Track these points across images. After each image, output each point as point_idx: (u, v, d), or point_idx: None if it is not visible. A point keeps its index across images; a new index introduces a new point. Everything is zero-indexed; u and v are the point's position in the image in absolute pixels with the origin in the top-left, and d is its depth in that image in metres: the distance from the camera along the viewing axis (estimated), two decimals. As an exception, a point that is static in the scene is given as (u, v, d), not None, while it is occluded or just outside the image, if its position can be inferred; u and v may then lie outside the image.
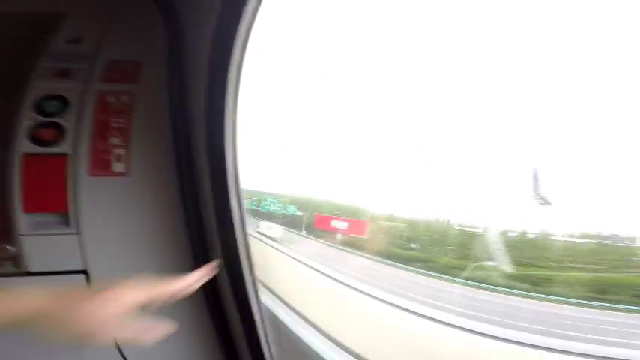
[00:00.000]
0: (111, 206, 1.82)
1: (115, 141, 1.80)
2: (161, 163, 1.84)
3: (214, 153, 1.70)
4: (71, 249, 1.80)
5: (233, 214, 1.72)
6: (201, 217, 1.85)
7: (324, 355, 2.44)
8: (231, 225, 1.74)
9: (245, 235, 1.79)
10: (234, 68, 1.56)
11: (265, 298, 2.08)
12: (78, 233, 1.80)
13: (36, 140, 1.73)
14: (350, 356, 3.09)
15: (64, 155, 1.76)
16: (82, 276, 1.82)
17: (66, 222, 1.78)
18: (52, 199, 1.77)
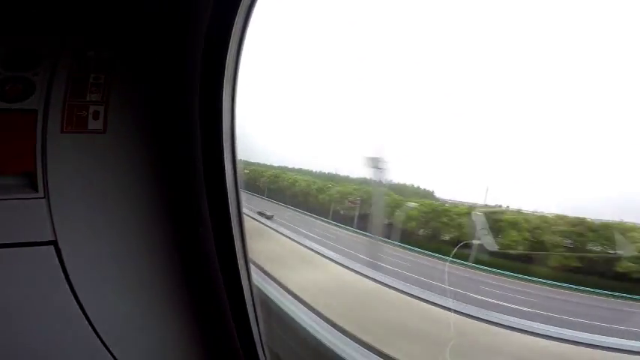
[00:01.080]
0: (85, 167, 1.62)
1: (93, 97, 1.62)
2: (144, 120, 1.67)
3: (210, 117, 1.58)
4: (38, 216, 1.59)
5: (227, 183, 1.58)
6: (191, 183, 1.69)
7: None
8: (224, 194, 1.61)
9: (240, 210, 1.71)
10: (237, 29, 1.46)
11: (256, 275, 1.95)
12: (45, 197, 1.59)
13: (1, 96, 1.54)
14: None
15: (32, 111, 1.57)
16: (50, 247, 1.62)
17: (32, 185, 1.58)
18: (18, 159, 1.57)
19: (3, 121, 1.57)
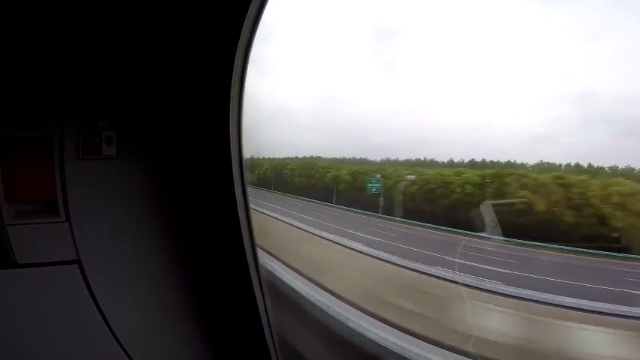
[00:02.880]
0: (101, 190, 1.71)
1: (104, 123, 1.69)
2: (152, 142, 1.73)
3: (216, 124, 1.64)
4: (61, 238, 1.70)
5: (235, 190, 1.65)
6: (200, 195, 1.77)
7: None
8: (233, 200, 1.68)
9: (247, 208, 1.78)
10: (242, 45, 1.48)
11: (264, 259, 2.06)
12: (67, 221, 1.69)
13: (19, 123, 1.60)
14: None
15: (48, 139, 1.64)
16: (74, 266, 1.73)
17: (54, 209, 1.67)
18: (39, 185, 1.66)
19: (22, 148, 1.65)
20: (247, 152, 1.78)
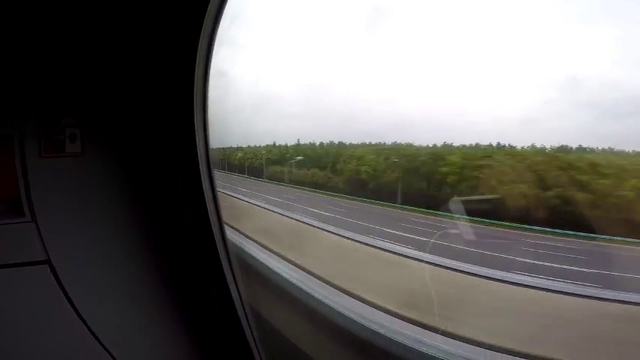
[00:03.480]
0: (67, 188, 1.68)
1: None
2: (117, 137, 1.71)
3: (180, 114, 1.65)
4: (29, 238, 1.66)
5: (202, 177, 1.66)
6: (168, 186, 1.76)
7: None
8: (200, 190, 1.70)
9: (214, 190, 1.81)
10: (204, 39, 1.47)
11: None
12: (32, 221, 1.65)
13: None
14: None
15: (8, 137, 1.59)
16: (45, 267, 1.70)
17: (19, 209, 1.63)
18: (1, 186, 1.61)
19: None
20: (227, 141, 1.81)
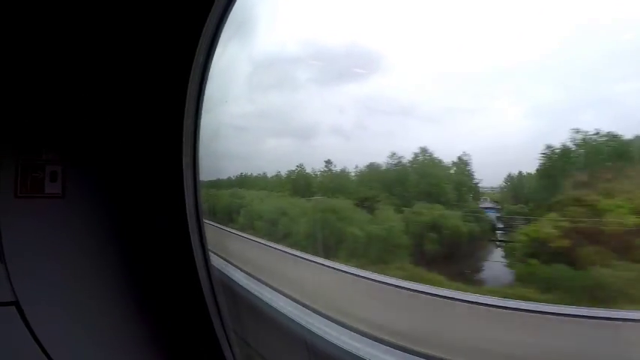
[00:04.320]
0: (43, 231, 1.55)
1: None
2: (102, 178, 1.62)
3: (168, 157, 1.61)
4: (-3, 279, 1.54)
5: (191, 236, 1.59)
6: (153, 234, 1.69)
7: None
8: (188, 242, 1.63)
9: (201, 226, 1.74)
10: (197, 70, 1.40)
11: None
12: (1, 262, 1.53)
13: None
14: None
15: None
16: (12, 308, 1.58)
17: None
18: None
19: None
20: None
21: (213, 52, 1.54)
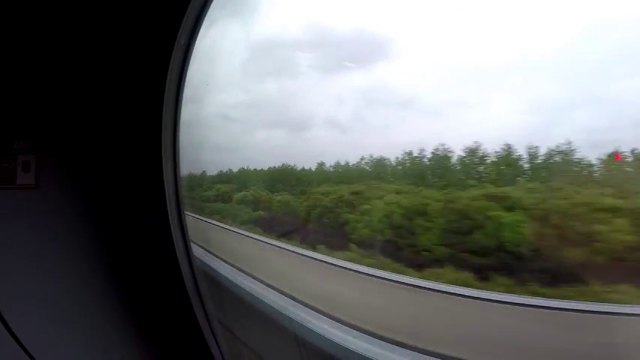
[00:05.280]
0: (16, 225, 1.49)
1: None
2: (77, 166, 1.56)
3: (148, 142, 1.56)
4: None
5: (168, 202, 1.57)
6: (132, 224, 1.63)
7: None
8: (169, 234, 1.59)
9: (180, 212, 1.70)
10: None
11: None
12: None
13: None
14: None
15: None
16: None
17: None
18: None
19: None
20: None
21: (197, 34, 1.48)
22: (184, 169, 1.79)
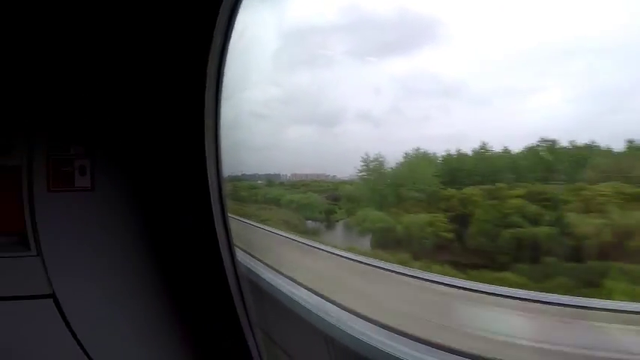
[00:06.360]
0: (75, 223, 1.60)
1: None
2: (129, 169, 1.65)
3: (192, 144, 1.58)
4: (33, 272, 1.59)
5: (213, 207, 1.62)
6: (179, 221, 1.69)
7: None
8: (211, 219, 1.64)
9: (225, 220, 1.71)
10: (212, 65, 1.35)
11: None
12: (38, 255, 1.58)
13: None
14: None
15: (16, 168, 1.51)
16: (49, 301, 1.63)
17: (25, 243, 1.56)
18: (8, 219, 1.54)
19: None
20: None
21: (232, 28, 1.47)
22: (227, 171, 1.80)
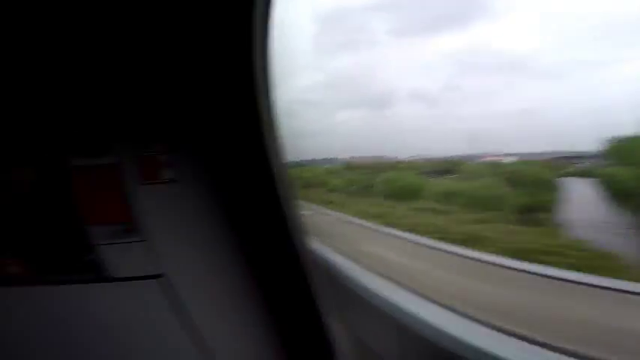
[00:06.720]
0: (168, 211, 1.77)
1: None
2: (208, 161, 1.73)
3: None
4: (142, 255, 1.78)
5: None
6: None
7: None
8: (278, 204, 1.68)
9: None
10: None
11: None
12: (145, 240, 1.75)
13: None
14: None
15: (112, 166, 1.65)
16: (161, 280, 1.82)
17: (133, 230, 1.74)
18: (115, 210, 1.72)
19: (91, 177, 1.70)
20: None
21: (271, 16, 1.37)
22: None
